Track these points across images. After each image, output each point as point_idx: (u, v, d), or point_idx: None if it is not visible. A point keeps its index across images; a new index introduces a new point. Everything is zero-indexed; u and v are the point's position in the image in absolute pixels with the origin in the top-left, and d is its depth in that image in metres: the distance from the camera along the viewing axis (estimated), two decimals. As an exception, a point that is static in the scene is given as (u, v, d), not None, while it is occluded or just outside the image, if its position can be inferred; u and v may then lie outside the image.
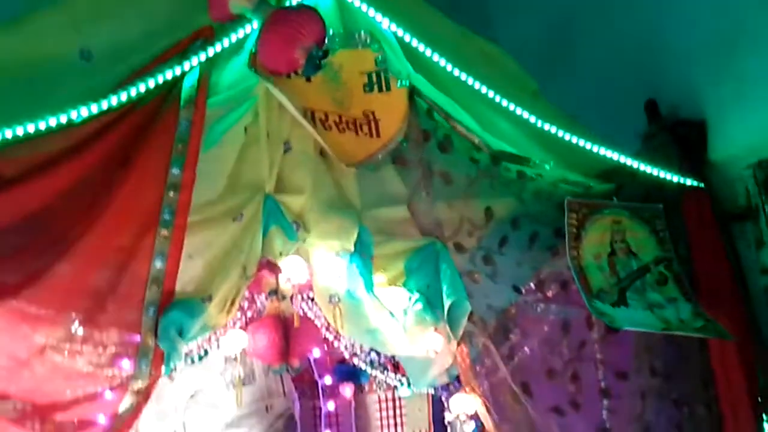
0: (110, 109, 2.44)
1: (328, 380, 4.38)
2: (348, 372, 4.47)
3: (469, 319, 2.82)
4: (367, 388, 4.55)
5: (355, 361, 3.62)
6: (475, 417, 3.06)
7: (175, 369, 2.70)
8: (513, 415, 2.76)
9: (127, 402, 2.40)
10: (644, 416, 2.83)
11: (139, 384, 2.40)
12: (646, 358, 2.90)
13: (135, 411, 2.39)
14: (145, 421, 3.13)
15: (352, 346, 3.59)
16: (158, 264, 2.47)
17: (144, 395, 2.41)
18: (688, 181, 3.18)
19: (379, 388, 4.59)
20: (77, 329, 2.41)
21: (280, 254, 2.71)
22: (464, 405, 2.71)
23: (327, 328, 3.44)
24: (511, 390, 2.78)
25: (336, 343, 3.53)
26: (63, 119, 2.35)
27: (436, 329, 2.78)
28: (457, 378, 3.13)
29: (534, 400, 2.78)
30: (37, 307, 2.36)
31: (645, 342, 2.91)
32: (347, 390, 4.45)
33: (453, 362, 2.88)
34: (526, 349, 2.85)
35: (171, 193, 2.51)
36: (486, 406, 2.72)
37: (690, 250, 3.06)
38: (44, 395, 2.36)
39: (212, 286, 2.54)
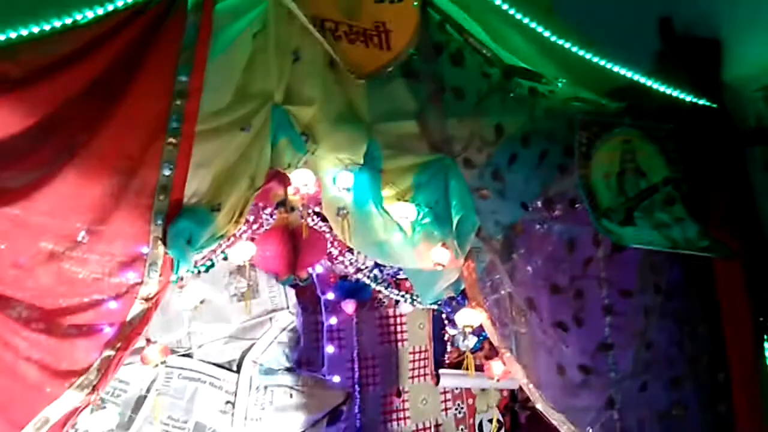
0: (116, 12, 2.36)
1: (330, 296, 4.43)
2: (350, 288, 4.52)
3: (476, 234, 2.82)
4: (368, 304, 4.61)
5: (359, 276, 3.65)
6: (478, 332, 3.11)
7: (182, 279, 2.70)
8: (518, 329, 2.80)
9: (136, 309, 2.41)
10: (646, 333, 2.88)
11: (148, 291, 2.41)
12: (650, 276, 2.92)
13: (144, 318, 2.41)
14: (152, 331, 3.16)
15: (357, 261, 3.62)
16: (166, 172, 2.44)
17: (153, 302, 2.43)
18: (700, 101, 3.13)
19: (381, 305, 4.64)
20: (84, 237, 2.40)
21: (289, 166, 2.68)
22: (469, 319, 2.73)
23: (332, 243, 3.46)
24: (516, 305, 2.81)
25: (340, 258, 3.56)
26: (68, 21, 2.28)
27: (443, 244, 2.79)
28: (462, 293, 3.17)
29: (538, 315, 2.81)
30: (43, 213, 2.35)
31: (650, 261, 2.93)
32: (349, 306, 4.50)
33: (459, 277, 2.90)
34: (531, 265, 2.86)
35: (178, 101, 2.46)
36: (491, 320, 2.75)
37: (699, 171, 3.05)
38: (51, 301, 2.37)
39: (220, 195, 2.52)
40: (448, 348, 4.54)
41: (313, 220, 3.01)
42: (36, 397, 2.25)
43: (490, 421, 4.55)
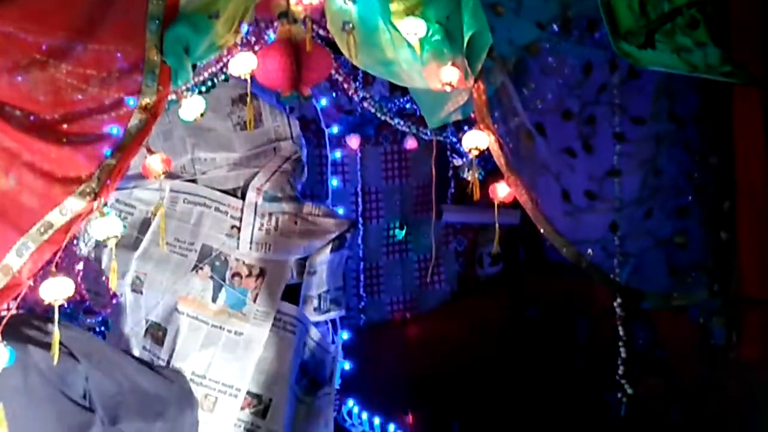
0: None
1: (335, 129, 4.38)
2: (355, 123, 4.46)
3: (488, 54, 2.69)
4: (372, 140, 4.58)
5: (365, 104, 3.57)
6: (482, 164, 3.07)
7: (184, 93, 2.61)
8: (526, 154, 2.75)
9: (135, 119, 2.35)
10: (656, 162, 2.83)
11: (146, 100, 2.34)
12: (665, 104, 2.83)
13: (144, 128, 2.35)
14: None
15: (363, 88, 3.52)
16: (159, -26, 2.30)
17: (152, 112, 2.36)
18: None
19: (385, 141, 4.61)
20: (77, 48, 2.31)
21: (291, -27, 2.51)
22: (476, 141, 2.67)
23: (337, 70, 3.34)
24: (526, 129, 2.75)
25: (345, 86, 3.46)
26: None
27: (453, 63, 2.67)
28: (468, 122, 3.10)
29: (547, 140, 2.75)
30: (30, 21, 2.24)
31: (666, 87, 2.82)
32: (353, 141, 4.47)
33: (468, 99, 2.81)
34: (544, 89, 2.77)
35: None
36: (499, 143, 2.69)
37: (726, -6, 2.86)
38: (51, 109, 2.32)
39: (218, 2, 2.38)
40: (452, 184, 4.55)
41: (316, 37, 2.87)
42: (39, 203, 2.25)
43: (490, 254, 4.64)
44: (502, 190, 2.62)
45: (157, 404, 2.77)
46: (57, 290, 2.15)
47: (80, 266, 3.16)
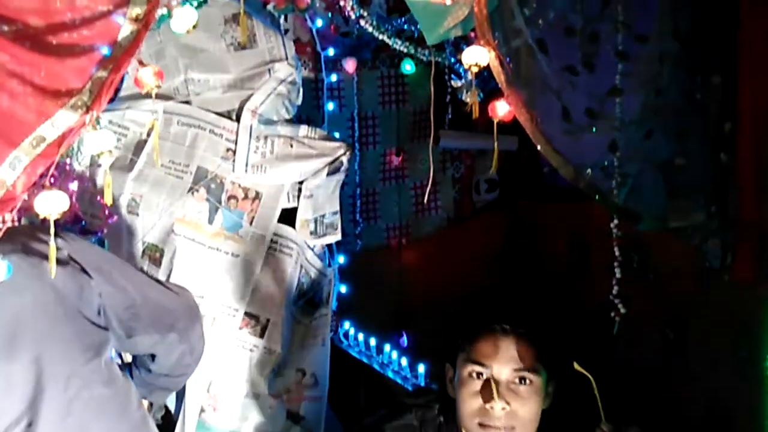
0: None
1: (331, 52, 4.31)
2: (351, 46, 4.39)
3: (490, -35, 2.61)
4: (369, 64, 4.52)
5: (362, 23, 3.49)
6: (481, 85, 3.01)
7: (174, 6, 2.53)
8: (526, 71, 2.68)
9: (125, 30, 2.29)
10: (658, 81, 2.77)
11: (136, 11, 2.27)
12: (670, 21, 2.75)
13: (135, 40, 2.29)
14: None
15: (360, 7, 3.44)
16: None
17: (143, 23, 2.29)
18: None
19: (382, 65, 4.55)
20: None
21: None
22: (476, 56, 2.60)
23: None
24: (527, 46, 2.67)
25: (342, 4, 3.38)
26: None
27: (453, -24, 2.59)
28: (467, 42, 3.03)
29: (549, 57, 2.68)
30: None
31: (671, 4, 2.74)
32: (350, 64, 4.40)
33: (468, 14, 2.73)
34: (546, 7, 2.68)
35: None
36: (499, 59, 2.62)
37: None
38: (40, 23, 2.25)
39: None
40: (450, 110, 4.51)
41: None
42: (30, 117, 2.21)
43: (487, 180, 4.64)
44: (501, 109, 2.58)
45: (167, 316, 2.78)
46: (51, 204, 2.13)
47: (74, 186, 3.13)
